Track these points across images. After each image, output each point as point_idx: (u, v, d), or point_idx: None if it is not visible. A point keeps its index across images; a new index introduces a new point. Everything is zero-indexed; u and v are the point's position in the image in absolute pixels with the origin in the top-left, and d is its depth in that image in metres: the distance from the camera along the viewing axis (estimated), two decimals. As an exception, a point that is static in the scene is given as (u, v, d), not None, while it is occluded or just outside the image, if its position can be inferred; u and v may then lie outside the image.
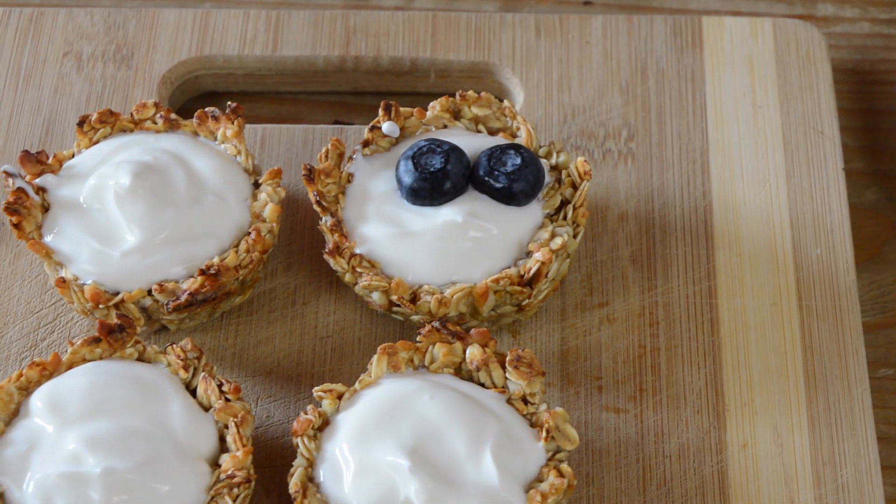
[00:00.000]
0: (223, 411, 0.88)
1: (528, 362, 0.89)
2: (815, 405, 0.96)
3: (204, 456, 0.87)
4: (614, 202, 1.05)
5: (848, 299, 1.01)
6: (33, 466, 0.85)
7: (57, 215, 0.97)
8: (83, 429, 0.86)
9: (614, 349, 0.99)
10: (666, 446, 0.95)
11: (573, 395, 0.97)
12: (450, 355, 0.91)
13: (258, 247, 0.95)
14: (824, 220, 1.04)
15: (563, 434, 0.88)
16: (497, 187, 0.95)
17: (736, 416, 0.96)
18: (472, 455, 0.86)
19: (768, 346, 0.98)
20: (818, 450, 0.94)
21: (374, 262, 0.95)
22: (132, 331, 0.91)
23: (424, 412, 0.87)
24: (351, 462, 0.86)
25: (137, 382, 0.89)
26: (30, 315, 1.00)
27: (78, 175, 0.98)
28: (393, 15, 1.15)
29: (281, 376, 0.98)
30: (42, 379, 0.90)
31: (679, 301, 1.00)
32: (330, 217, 0.96)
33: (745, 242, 1.03)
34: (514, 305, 0.96)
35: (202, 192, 0.97)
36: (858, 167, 1.12)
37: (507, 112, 1.01)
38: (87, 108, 1.09)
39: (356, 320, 1.00)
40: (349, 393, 0.90)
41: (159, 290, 0.93)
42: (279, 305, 1.01)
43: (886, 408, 1.01)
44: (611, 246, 1.03)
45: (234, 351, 0.99)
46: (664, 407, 0.96)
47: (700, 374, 0.97)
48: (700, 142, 1.08)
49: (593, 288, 1.01)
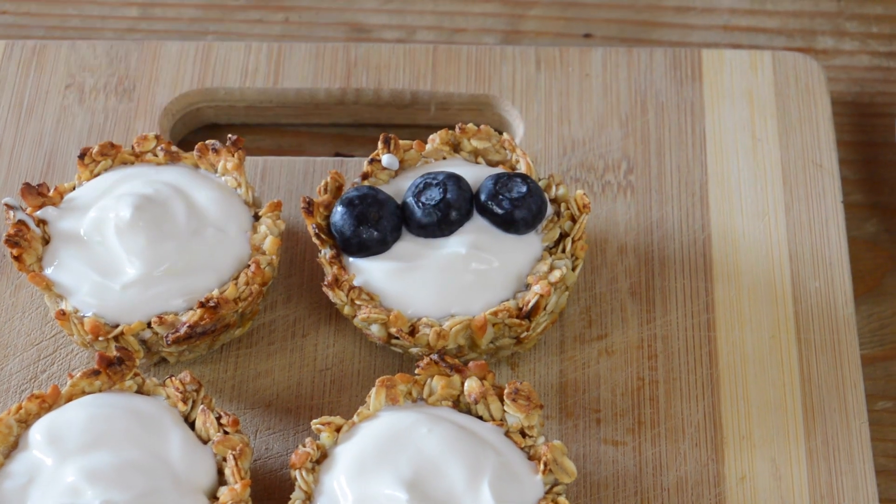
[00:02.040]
0: (221, 444, 0.88)
1: (526, 395, 0.90)
2: (813, 438, 0.96)
3: (202, 489, 0.87)
4: (613, 235, 1.05)
5: (846, 332, 1.01)
6: (32, 499, 0.85)
7: (58, 247, 0.97)
8: (82, 461, 0.86)
9: (613, 382, 0.99)
10: (664, 479, 0.95)
11: (571, 427, 0.97)
12: (448, 388, 0.91)
13: (258, 279, 0.95)
14: (823, 252, 1.04)
15: (561, 467, 0.88)
16: (499, 213, 0.96)
17: (734, 448, 0.96)
18: (470, 488, 0.86)
19: (767, 379, 0.98)
20: (816, 483, 0.94)
21: (373, 295, 0.95)
22: (131, 363, 0.91)
23: (422, 445, 0.87)
24: (349, 495, 0.86)
25: (136, 415, 0.89)
26: (30, 347, 1.00)
27: (79, 207, 0.99)
28: (394, 48, 1.15)
29: (280, 408, 0.98)
30: (41, 411, 0.90)
31: (678, 334, 1.01)
32: (329, 249, 0.97)
33: (744, 275, 1.03)
34: (513, 338, 0.96)
35: (202, 224, 0.97)
36: (857, 200, 1.13)
37: (506, 145, 1.01)
38: (89, 140, 1.10)
39: (355, 353, 1.00)
40: (347, 426, 0.90)
41: (159, 322, 0.94)
42: (278, 338, 1.01)
43: (885, 440, 1.00)
44: (610, 278, 1.03)
45: (233, 383, 0.99)
46: (662, 439, 0.96)
47: (698, 406, 0.97)
48: (699, 174, 1.08)
49: (592, 320, 1.01)
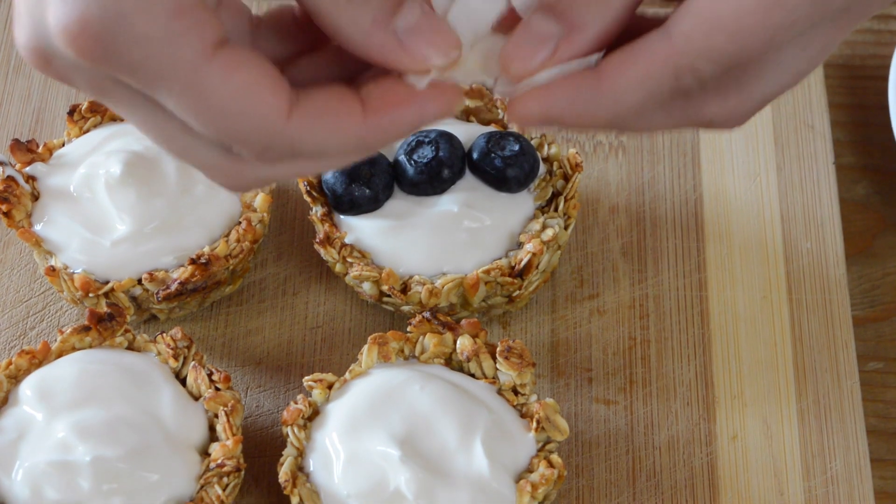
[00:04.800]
0: (213, 400, 0.88)
1: (518, 353, 0.89)
2: (804, 398, 0.96)
3: (194, 445, 0.87)
4: (605, 195, 1.05)
5: (838, 293, 1.01)
6: (22, 455, 0.85)
7: (47, 204, 0.96)
8: (73, 417, 0.85)
9: (604, 341, 0.99)
10: (656, 438, 0.95)
11: (563, 386, 0.97)
12: (440, 346, 0.91)
13: (248, 237, 0.95)
14: (814, 213, 1.04)
15: (554, 425, 0.88)
16: (491, 171, 0.95)
17: (725, 407, 0.96)
18: (462, 445, 0.86)
19: (758, 338, 0.99)
20: (807, 442, 0.94)
21: (364, 252, 0.95)
22: (122, 320, 0.91)
23: (415, 402, 0.87)
24: (341, 452, 0.86)
25: (127, 371, 0.88)
26: (19, 304, 1.00)
27: (68, 164, 0.98)
28: (384, 6, 1.15)
29: (271, 366, 0.98)
30: (31, 367, 0.90)
31: (669, 293, 1.01)
32: (320, 207, 0.96)
33: (736, 235, 1.03)
34: (505, 297, 0.96)
35: (193, 181, 0.97)
36: (849, 162, 1.12)
37: (498, 104, 1.01)
38: (78, 97, 1.09)
39: (346, 310, 1.00)
40: (339, 383, 0.90)
41: (149, 279, 0.93)
42: (269, 295, 1.01)
43: (875, 401, 1.01)
44: (601, 238, 1.03)
45: (224, 341, 0.99)
46: (654, 399, 0.96)
47: (690, 366, 0.97)
48: (691, 135, 1.08)
49: (584, 280, 1.01)
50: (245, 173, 0.69)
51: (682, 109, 0.70)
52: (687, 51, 0.65)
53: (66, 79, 0.66)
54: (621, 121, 0.68)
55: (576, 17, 0.67)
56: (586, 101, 0.67)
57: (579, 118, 0.68)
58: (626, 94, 0.66)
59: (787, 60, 0.68)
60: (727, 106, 0.70)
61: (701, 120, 0.71)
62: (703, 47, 0.65)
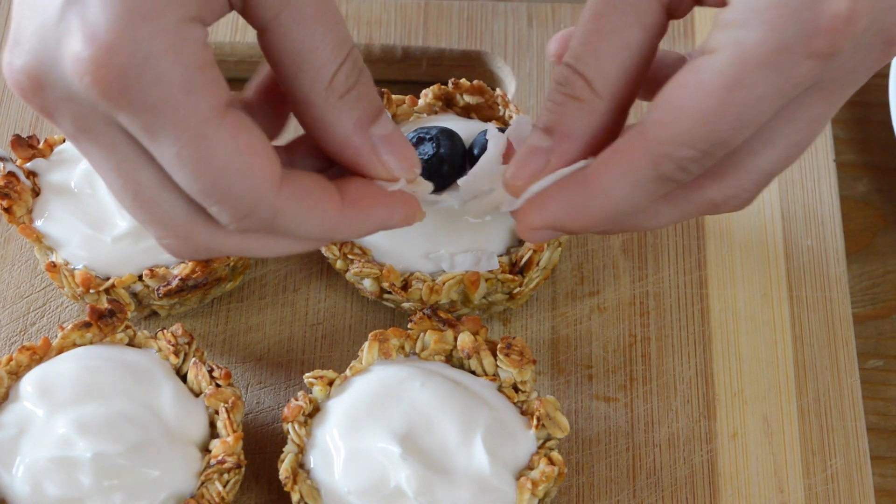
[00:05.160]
0: (214, 397, 0.88)
1: (519, 350, 0.89)
2: (804, 395, 0.96)
3: (194, 441, 0.87)
4: (606, 192, 1.05)
5: (838, 290, 1.01)
6: (23, 451, 0.85)
7: (48, 200, 0.96)
8: (73, 413, 0.85)
9: (605, 338, 0.99)
10: (656, 435, 0.95)
11: (564, 383, 0.97)
12: (441, 343, 0.91)
13: (249, 233, 0.95)
14: (815, 211, 1.04)
15: (554, 422, 0.88)
16: None
17: (726, 405, 0.96)
18: (463, 442, 0.86)
19: (758, 336, 0.99)
20: (808, 440, 0.95)
21: (365, 249, 0.95)
22: (123, 316, 0.91)
23: (415, 399, 0.87)
24: (342, 448, 0.86)
25: (128, 367, 0.89)
26: (20, 300, 1.00)
27: (69, 160, 0.98)
28: (385, 3, 1.15)
29: (271, 363, 0.98)
30: (32, 363, 0.90)
31: (670, 291, 1.01)
32: (322, 204, 0.96)
33: (736, 233, 1.03)
34: (506, 293, 0.96)
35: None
36: (849, 159, 1.12)
37: (500, 101, 1.01)
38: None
39: (347, 307, 1.00)
40: (340, 379, 0.90)
41: (150, 275, 0.93)
42: (270, 292, 1.01)
43: (876, 399, 1.01)
44: (602, 235, 1.03)
45: (225, 337, 0.99)
46: (654, 396, 0.96)
47: (690, 363, 0.97)
48: (692, 132, 1.08)
49: (584, 277, 1.01)
50: (205, 238, 0.71)
51: (685, 198, 0.73)
52: (660, 138, 0.67)
53: (48, 110, 0.66)
54: (619, 217, 0.72)
55: (565, 128, 0.71)
56: (579, 201, 0.71)
57: (577, 219, 0.72)
58: (612, 190, 0.69)
59: (777, 135, 0.69)
60: (727, 188, 0.72)
61: (706, 205, 0.73)
62: (673, 133, 0.67)
